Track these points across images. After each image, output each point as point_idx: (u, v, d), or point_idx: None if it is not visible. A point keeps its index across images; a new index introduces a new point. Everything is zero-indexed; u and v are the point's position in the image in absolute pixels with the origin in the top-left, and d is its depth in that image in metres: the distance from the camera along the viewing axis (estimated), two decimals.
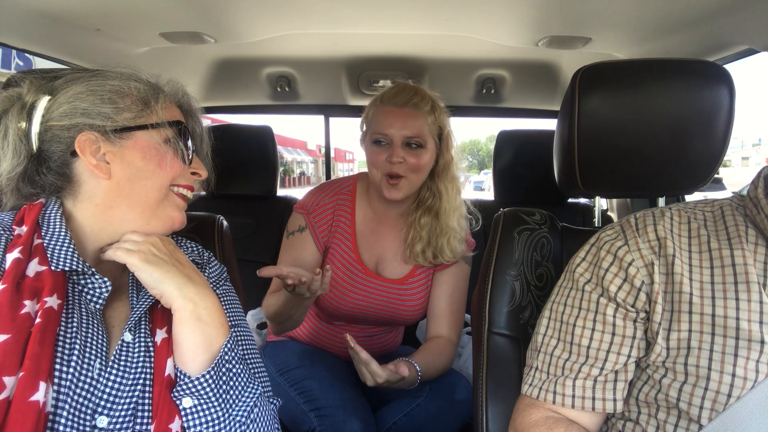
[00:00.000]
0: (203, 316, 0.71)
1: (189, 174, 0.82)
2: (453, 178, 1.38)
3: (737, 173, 24.58)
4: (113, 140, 0.73)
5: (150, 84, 0.79)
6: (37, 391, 0.58)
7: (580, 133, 0.93)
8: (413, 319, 1.45)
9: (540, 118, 2.33)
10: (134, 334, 0.73)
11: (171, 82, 0.83)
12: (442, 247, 1.35)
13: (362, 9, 1.37)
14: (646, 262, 0.74)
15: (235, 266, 1.15)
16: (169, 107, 0.79)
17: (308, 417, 1.25)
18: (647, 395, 0.74)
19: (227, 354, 0.72)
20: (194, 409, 0.69)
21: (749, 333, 0.66)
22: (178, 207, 0.80)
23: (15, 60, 6.61)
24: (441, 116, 1.35)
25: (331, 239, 1.39)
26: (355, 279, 1.38)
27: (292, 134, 47.35)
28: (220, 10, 1.34)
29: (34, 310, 0.63)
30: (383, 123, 1.31)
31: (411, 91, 1.32)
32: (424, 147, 1.31)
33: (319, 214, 1.38)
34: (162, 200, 0.77)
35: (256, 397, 0.74)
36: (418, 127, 1.30)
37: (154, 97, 0.77)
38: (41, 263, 0.68)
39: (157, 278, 0.71)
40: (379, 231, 1.42)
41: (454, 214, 1.36)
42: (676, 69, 0.92)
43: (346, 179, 1.47)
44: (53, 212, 0.73)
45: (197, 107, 0.87)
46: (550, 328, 0.83)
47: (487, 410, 0.95)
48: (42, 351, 0.61)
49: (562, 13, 1.32)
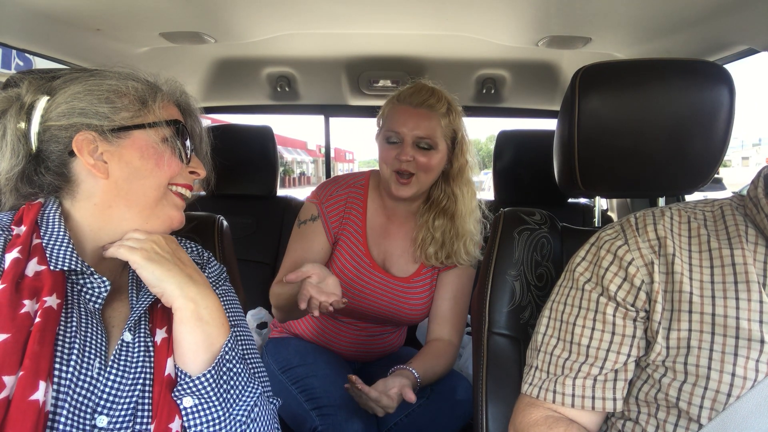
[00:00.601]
0: (204, 315, 0.71)
1: (187, 173, 0.82)
2: (468, 181, 1.39)
3: (737, 173, 24.59)
4: (111, 140, 0.73)
5: (148, 83, 0.79)
6: (37, 391, 0.58)
7: (580, 133, 0.93)
8: (416, 318, 1.45)
9: (540, 118, 2.33)
10: (134, 333, 0.73)
11: (169, 81, 0.83)
12: (458, 250, 1.36)
13: (362, 9, 1.38)
14: (646, 261, 0.74)
15: (235, 266, 1.15)
16: (167, 106, 0.79)
17: (310, 416, 1.25)
18: (647, 394, 0.74)
19: (228, 353, 0.72)
20: (195, 409, 0.69)
21: (749, 332, 0.66)
22: (176, 206, 0.80)
23: (15, 60, 6.62)
24: (456, 119, 1.36)
25: (342, 231, 1.40)
26: (363, 273, 1.39)
27: (292, 134, 47.40)
28: (220, 10, 1.34)
29: (33, 309, 0.63)
30: (397, 121, 1.32)
31: (428, 91, 1.33)
32: (434, 148, 1.31)
33: (331, 205, 1.39)
34: (160, 199, 0.77)
35: (256, 396, 0.74)
36: (430, 128, 1.30)
37: (152, 96, 0.77)
38: (40, 263, 0.68)
39: (159, 276, 0.71)
40: (388, 227, 1.43)
41: (470, 218, 1.37)
42: (677, 69, 0.92)
43: (359, 174, 1.48)
44: (52, 212, 0.73)
45: (196, 106, 0.87)
46: (550, 328, 0.83)
47: (487, 410, 0.95)
48: (42, 350, 0.61)
49: (562, 13, 1.32)
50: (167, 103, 0.80)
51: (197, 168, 0.83)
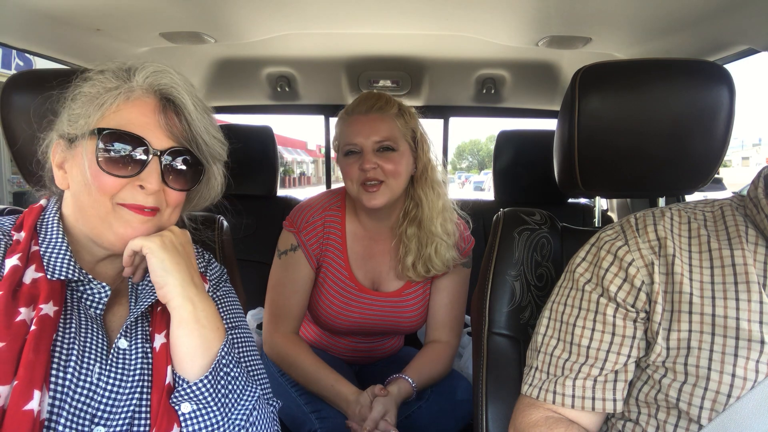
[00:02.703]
0: (201, 318, 0.70)
1: (137, 186, 0.70)
2: (434, 183, 1.34)
3: (737, 173, 24.58)
4: (70, 148, 0.71)
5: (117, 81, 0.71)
6: (32, 400, 0.58)
7: (580, 133, 0.93)
8: (414, 327, 1.45)
9: (540, 118, 2.33)
10: (130, 340, 0.72)
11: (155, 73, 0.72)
12: (431, 256, 1.32)
13: (362, 9, 1.37)
14: (646, 262, 0.74)
15: (235, 266, 1.15)
16: (138, 104, 0.70)
17: (309, 418, 1.25)
18: (647, 395, 0.74)
19: (224, 357, 0.71)
20: (193, 414, 0.68)
21: (749, 333, 0.66)
22: (128, 223, 0.70)
23: (15, 60, 6.62)
24: (411, 119, 1.33)
25: (323, 257, 1.37)
26: (350, 296, 1.37)
27: (292, 134, 47.41)
28: (220, 10, 1.34)
29: (30, 317, 0.63)
30: (352, 132, 1.29)
31: (374, 97, 1.32)
32: (396, 150, 1.27)
33: (309, 232, 1.36)
34: (106, 216, 0.69)
35: (254, 399, 0.73)
36: (387, 130, 1.27)
37: (113, 98, 0.70)
38: (38, 270, 0.67)
39: (166, 267, 0.69)
40: (371, 248, 1.40)
41: (437, 220, 1.32)
42: (676, 69, 0.92)
43: (332, 195, 1.43)
44: (50, 216, 0.73)
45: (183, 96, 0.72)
46: (550, 328, 0.82)
47: (487, 410, 0.95)
48: (37, 359, 0.60)
49: (562, 13, 1.32)
50: (138, 99, 0.70)
51: (145, 181, 0.69)
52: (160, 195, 0.72)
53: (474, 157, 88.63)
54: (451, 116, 2.31)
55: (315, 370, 1.26)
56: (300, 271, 1.35)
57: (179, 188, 0.74)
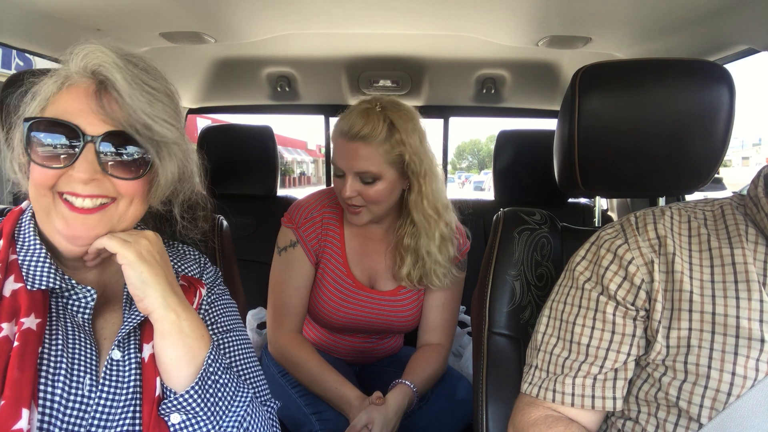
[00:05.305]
0: (185, 327, 0.67)
1: (77, 176, 0.64)
2: (434, 209, 1.28)
3: (737, 173, 24.57)
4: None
5: (58, 68, 0.68)
6: (20, 419, 0.55)
7: (580, 133, 0.93)
8: (409, 327, 1.45)
9: (540, 118, 2.33)
10: (123, 350, 0.69)
11: (87, 55, 0.67)
12: (427, 274, 1.32)
13: (362, 9, 1.37)
14: (646, 260, 0.74)
15: (235, 266, 1.14)
16: (67, 93, 0.66)
17: (309, 420, 1.25)
18: (647, 394, 0.74)
19: (211, 366, 0.68)
20: (183, 425, 0.66)
21: (749, 331, 0.66)
22: (63, 218, 0.64)
23: (15, 60, 6.62)
24: (404, 137, 1.21)
25: (322, 253, 1.38)
26: (348, 293, 1.38)
27: (292, 134, 47.36)
28: (220, 10, 1.34)
29: (12, 332, 0.60)
30: (337, 154, 1.27)
31: (362, 120, 1.21)
32: (380, 179, 1.23)
33: (308, 228, 1.36)
34: (48, 210, 0.65)
35: (246, 405, 0.70)
36: (368, 161, 1.21)
37: (48, 87, 0.67)
38: (17, 280, 0.64)
39: (145, 280, 0.66)
40: (368, 246, 1.41)
41: (433, 247, 1.30)
42: (677, 69, 0.92)
43: (330, 192, 1.42)
44: (27, 222, 0.70)
45: (115, 75, 0.65)
46: (550, 327, 0.83)
47: (487, 410, 0.95)
48: (22, 376, 0.57)
49: (562, 13, 1.32)
50: (74, 85, 0.66)
51: (76, 170, 0.63)
52: (103, 184, 0.65)
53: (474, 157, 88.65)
54: (451, 116, 2.31)
55: (320, 371, 1.26)
56: (300, 267, 1.36)
57: (125, 177, 0.66)
